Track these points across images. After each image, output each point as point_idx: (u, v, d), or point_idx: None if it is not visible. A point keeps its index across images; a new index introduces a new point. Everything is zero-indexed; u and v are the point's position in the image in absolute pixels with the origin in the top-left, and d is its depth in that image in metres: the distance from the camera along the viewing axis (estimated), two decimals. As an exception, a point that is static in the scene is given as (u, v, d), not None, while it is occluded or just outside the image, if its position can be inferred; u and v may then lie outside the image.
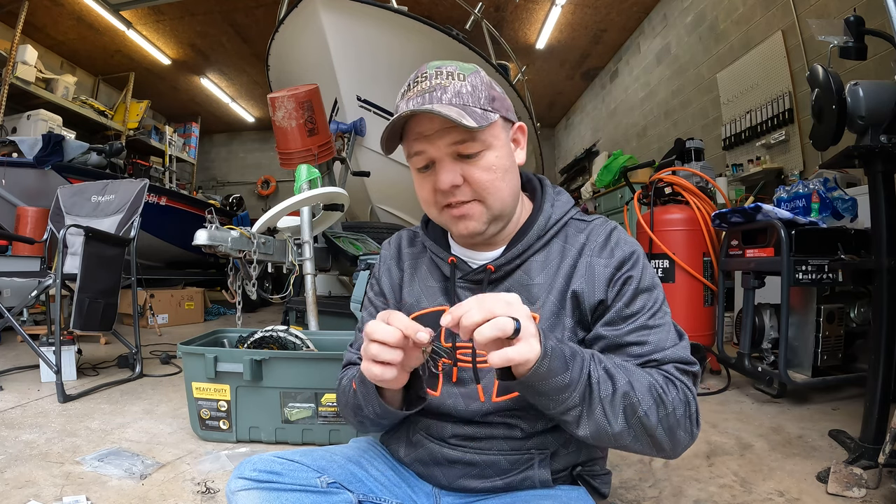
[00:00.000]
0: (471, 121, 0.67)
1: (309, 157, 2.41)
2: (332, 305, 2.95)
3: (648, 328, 0.72)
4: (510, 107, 0.77)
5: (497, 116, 0.73)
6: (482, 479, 0.79)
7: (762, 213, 2.00)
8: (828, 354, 1.92)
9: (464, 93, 0.71)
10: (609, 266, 0.75)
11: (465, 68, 0.74)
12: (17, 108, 5.00)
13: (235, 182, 9.68)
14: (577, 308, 0.75)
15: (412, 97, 0.72)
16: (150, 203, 4.35)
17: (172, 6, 5.40)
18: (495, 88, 0.75)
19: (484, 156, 0.72)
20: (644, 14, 5.74)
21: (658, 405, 0.66)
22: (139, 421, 1.84)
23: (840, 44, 1.54)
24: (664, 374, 0.70)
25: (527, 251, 0.79)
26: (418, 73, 0.74)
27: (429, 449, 0.82)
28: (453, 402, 0.79)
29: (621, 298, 0.73)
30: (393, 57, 3.78)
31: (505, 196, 0.75)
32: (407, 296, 0.86)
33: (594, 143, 7.47)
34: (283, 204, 2.18)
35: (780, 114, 3.65)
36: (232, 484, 0.73)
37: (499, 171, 0.73)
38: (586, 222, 0.82)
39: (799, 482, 1.33)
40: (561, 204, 0.82)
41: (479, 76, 0.74)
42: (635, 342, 0.71)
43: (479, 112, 0.71)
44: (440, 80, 0.72)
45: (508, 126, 0.77)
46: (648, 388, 0.66)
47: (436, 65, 0.74)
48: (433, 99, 0.70)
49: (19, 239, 3.48)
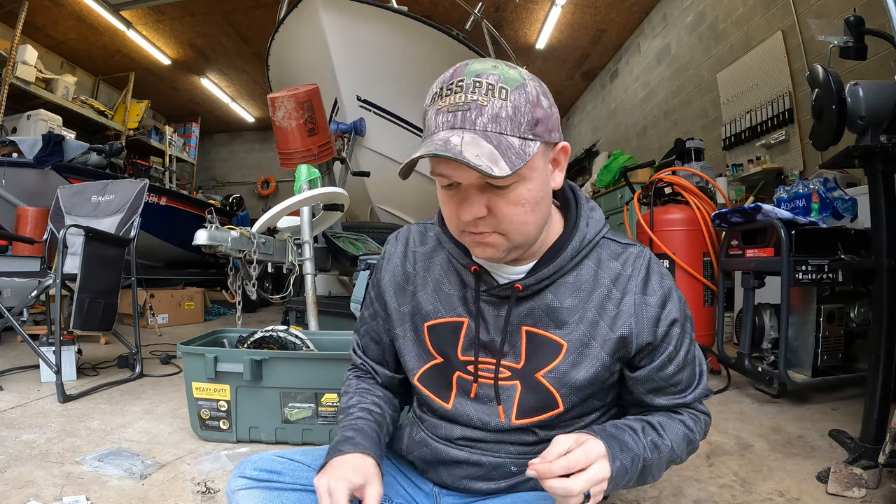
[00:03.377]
0: (504, 166, 0.60)
1: (309, 157, 2.41)
2: (332, 305, 2.95)
3: (683, 368, 0.77)
4: (555, 125, 0.67)
5: (538, 145, 0.64)
6: (487, 481, 0.78)
7: (762, 213, 1.99)
8: (828, 354, 1.92)
9: (503, 117, 0.62)
10: (655, 306, 0.73)
11: (509, 80, 0.63)
12: (17, 108, 5.00)
13: (235, 182, 9.67)
14: (624, 348, 0.73)
15: (443, 109, 0.63)
16: (150, 203, 4.35)
17: (172, 6, 5.39)
18: (541, 106, 0.65)
19: (515, 188, 0.65)
20: (644, 14, 5.74)
21: (689, 446, 0.78)
22: (139, 421, 1.84)
23: (840, 44, 1.54)
24: (692, 413, 0.79)
25: (557, 272, 0.74)
26: (454, 76, 0.64)
27: (433, 449, 0.81)
28: (468, 416, 0.78)
29: (667, 341, 0.75)
30: (393, 57, 3.78)
31: (529, 230, 0.69)
32: (423, 301, 0.81)
33: (594, 143, 7.46)
34: (283, 204, 2.18)
35: (780, 114, 3.64)
36: (232, 483, 0.73)
37: (529, 204, 0.66)
38: (621, 246, 0.77)
39: (799, 482, 1.32)
40: (595, 222, 0.77)
41: (525, 92, 0.63)
42: (674, 385, 0.77)
43: (517, 144, 0.62)
44: (478, 95, 0.62)
45: (549, 149, 0.68)
46: (683, 438, 0.76)
47: (475, 70, 0.63)
48: (465, 121, 0.62)
49: (19, 239, 3.48)
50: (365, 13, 3.54)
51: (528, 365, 0.74)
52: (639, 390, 0.77)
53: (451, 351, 0.78)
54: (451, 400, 0.79)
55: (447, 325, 0.78)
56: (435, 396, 0.80)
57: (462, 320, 0.77)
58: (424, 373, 0.81)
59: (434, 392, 0.80)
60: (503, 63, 0.66)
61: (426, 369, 0.81)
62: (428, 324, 0.80)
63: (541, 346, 0.74)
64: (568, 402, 0.74)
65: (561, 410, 0.74)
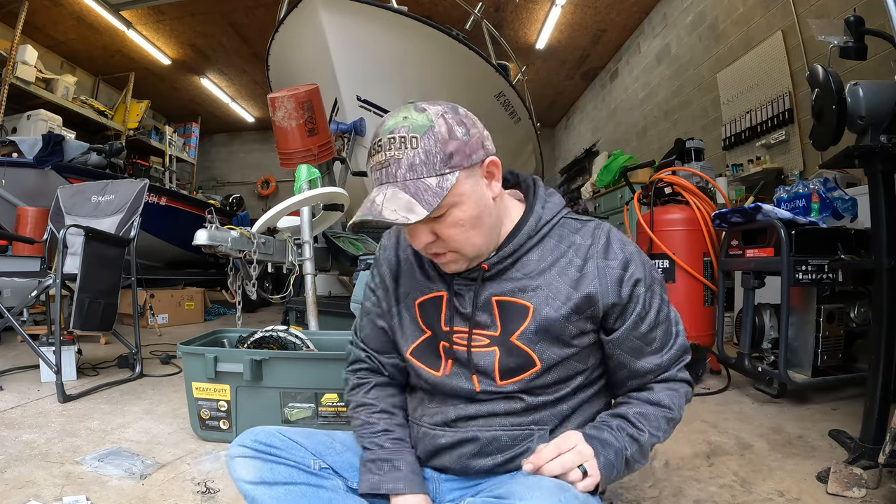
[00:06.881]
0: (421, 210, 0.70)
1: (309, 157, 2.41)
2: (332, 305, 2.95)
3: (656, 326, 0.82)
4: (475, 147, 0.74)
5: (456, 174, 0.72)
6: (484, 456, 0.82)
7: (762, 213, 1.99)
8: (828, 354, 1.92)
9: (417, 163, 0.71)
10: (616, 269, 0.80)
11: (417, 127, 0.72)
12: (17, 108, 5.00)
13: (235, 182, 9.68)
14: (590, 307, 0.79)
15: (374, 168, 0.74)
16: (150, 203, 4.34)
17: (172, 6, 5.40)
18: (455, 137, 0.73)
19: (450, 214, 0.74)
20: (644, 14, 5.74)
21: (670, 423, 0.83)
22: (139, 421, 1.84)
23: (840, 44, 1.54)
24: (670, 387, 0.84)
25: (518, 250, 0.82)
26: (376, 137, 0.74)
27: (433, 437, 0.84)
28: (456, 382, 0.83)
29: (634, 300, 0.80)
30: (393, 57, 3.77)
31: (477, 242, 0.78)
32: (412, 282, 0.90)
33: (594, 143, 7.47)
34: (283, 204, 2.18)
35: (780, 114, 3.65)
36: (233, 450, 0.81)
37: (467, 223, 0.75)
38: (580, 222, 0.85)
39: (799, 482, 1.33)
40: (552, 205, 0.85)
41: (433, 133, 0.71)
42: (648, 343, 0.82)
43: (434, 183, 0.71)
44: (394, 150, 0.72)
45: (476, 168, 0.76)
46: (662, 421, 0.82)
47: (389, 128, 0.73)
48: (388, 176, 0.72)
49: (19, 239, 3.48)
50: (365, 13, 3.54)
51: (504, 331, 0.81)
52: (618, 354, 0.83)
53: (437, 323, 0.86)
54: (442, 368, 0.85)
55: (431, 300, 0.87)
56: (427, 367, 0.86)
57: (442, 294, 0.86)
58: (416, 347, 0.88)
59: (426, 363, 0.87)
60: (413, 109, 0.74)
61: (417, 344, 0.88)
62: (418, 301, 0.88)
63: (511, 312, 0.81)
64: (545, 359, 0.80)
65: (539, 368, 0.80)
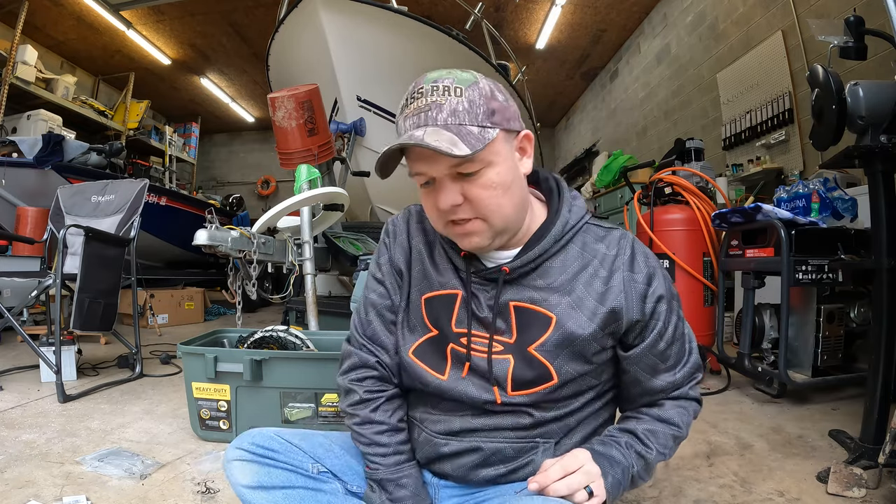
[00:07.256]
0: (464, 147, 0.67)
1: (309, 157, 2.41)
2: (332, 305, 2.95)
3: (672, 343, 0.80)
4: (514, 115, 0.74)
5: (496, 132, 0.71)
6: (487, 467, 0.79)
7: (762, 213, 1.99)
8: (828, 354, 1.92)
9: (460, 110, 0.69)
10: (642, 283, 0.77)
11: (462, 80, 0.71)
12: (17, 108, 4.99)
13: (235, 182, 9.67)
14: (615, 322, 0.77)
15: (409, 115, 0.71)
16: (150, 203, 4.34)
17: (172, 6, 5.40)
18: (496, 98, 0.72)
19: (484, 173, 0.71)
20: (644, 14, 5.74)
21: (677, 441, 0.82)
22: (139, 421, 1.84)
23: (840, 44, 1.54)
24: (680, 404, 0.82)
25: (542, 255, 0.78)
26: (415, 86, 0.72)
27: (435, 445, 0.82)
28: (465, 392, 0.79)
29: (655, 317, 0.78)
30: (393, 57, 3.77)
31: (507, 212, 0.74)
32: (422, 275, 0.85)
33: (594, 143, 7.46)
34: (283, 204, 2.18)
35: (780, 114, 3.65)
36: (230, 453, 0.79)
37: (500, 187, 0.72)
38: (604, 230, 0.82)
39: (799, 482, 1.33)
40: (577, 209, 0.81)
41: (478, 88, 0.71)
42: (664, 360, 0.80)
43: (476, 131, 0.69)
44: (436, 96, 0.70)
45: (512, 137, 0.74)
46: (670, 439, 0.80)
47: (432, 78, 0.71)
48: (428, 119, 0.69)
49: (19, 239, 3.48)
50: (365, 13, 3.54)
51: (521, 339, 0.77)
52: (634, 370, 0.80)
53: (446, 323, 0.81)
54: (447, 372, 0.80)
55: (443, 297, 0.82)
56: (430, 369, 0.81)
57: (456, 293, 0.81)
58: (419, 346, 0.83)
59: (429, 364, 0.81)
60: (457, 69, 0.74)
61: (420, 343, 0.83)
62: (425, 296, 0.83)
63: (530, 319, 0.77)
64: (562, 374, 0.76)
65: (555, 382, 0.76)
